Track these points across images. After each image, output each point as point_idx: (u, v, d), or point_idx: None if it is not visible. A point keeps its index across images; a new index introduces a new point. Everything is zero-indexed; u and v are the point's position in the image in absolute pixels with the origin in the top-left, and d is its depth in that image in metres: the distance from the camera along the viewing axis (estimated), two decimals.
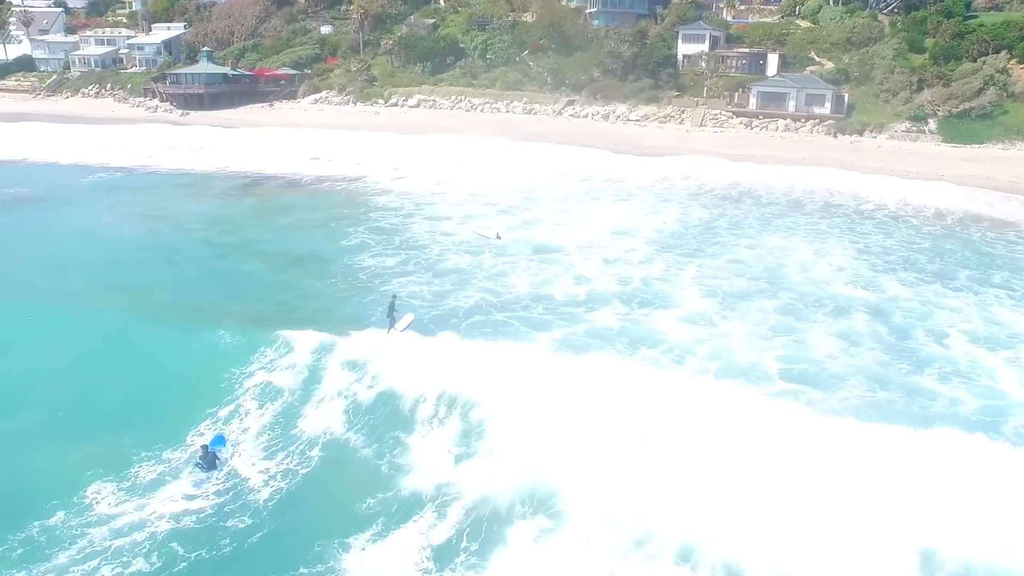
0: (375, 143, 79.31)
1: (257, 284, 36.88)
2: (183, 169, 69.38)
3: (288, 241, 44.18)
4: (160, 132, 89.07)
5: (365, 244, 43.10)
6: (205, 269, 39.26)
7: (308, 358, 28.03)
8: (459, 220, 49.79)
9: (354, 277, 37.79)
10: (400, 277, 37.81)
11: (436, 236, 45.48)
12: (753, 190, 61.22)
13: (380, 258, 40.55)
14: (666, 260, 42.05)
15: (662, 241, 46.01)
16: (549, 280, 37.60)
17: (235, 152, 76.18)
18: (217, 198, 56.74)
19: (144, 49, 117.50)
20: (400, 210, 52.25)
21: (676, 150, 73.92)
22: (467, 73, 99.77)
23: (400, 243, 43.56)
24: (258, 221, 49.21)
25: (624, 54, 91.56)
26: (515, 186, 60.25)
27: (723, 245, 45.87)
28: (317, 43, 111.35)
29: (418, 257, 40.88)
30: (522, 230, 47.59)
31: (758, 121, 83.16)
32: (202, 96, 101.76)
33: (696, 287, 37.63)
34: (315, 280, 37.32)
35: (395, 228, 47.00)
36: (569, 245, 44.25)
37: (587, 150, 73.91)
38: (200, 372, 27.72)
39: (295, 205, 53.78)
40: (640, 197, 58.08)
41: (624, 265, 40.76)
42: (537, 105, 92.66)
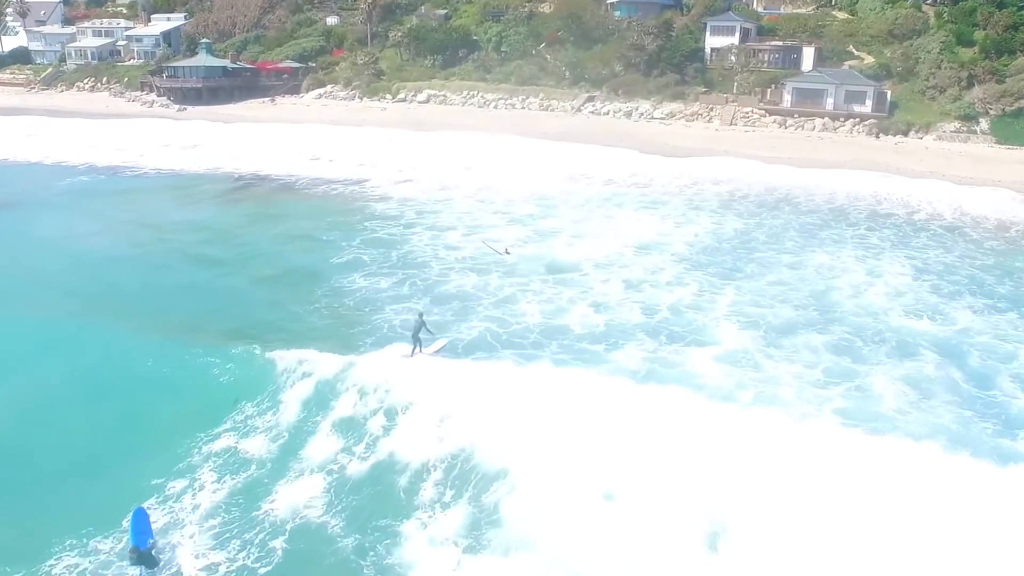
0: (380, 141, 75.53)
1: (229, 310, 32.86)
2: (174, 170, 65.82)
3: (273, 256, 40.16)
4: (154, 129, 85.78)
5: (358, 261, 38.94)
6: (175, 288, 35.32)
7: (287, 410, 24.00)
8: (465, 231, 45.69)
9: (340, 303, 33.69)
10: (394, 303, 33.65)
11: (438, 250, 41.32)
12: (791, 196, 56.77)
13: (373, 278, 36.38)
14: (698, 282, 37.69)
15: (693, 258, 41.65)
16: (564, 308, 33.32)
17: (231, 151, 72.74)
18: (204, 203, 52.88)
19: (142, 41, 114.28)
20: (400, 219, 48.17)
21: (705, 151, 69.49)
22: (480, 67, 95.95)
23: (397, 259, 39.38)
24: (243, 231, 45.21)
25: (648, 47, 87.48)
26: (529, 191, 56.12)
27: (762, 263, 41.46)
28: (322, 35, 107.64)
29: (416, 277, 36.68)
30: (535, 243, 43.39)
31: (793, 120, 78.55)
32: (200, 90, 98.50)
33: (734, 317, 33.23)
34: (296, 305, 33.28)
35: (394, 240, 42.87)
36: (587, 262, 40.00)
37: (609, 151, 69.68)
38: (153, 427, 23.74)
39: (287, 212, 49.79)
40: (667, 204, 53.73)
41: (650, 289, 36.41)
42: (554, 101, 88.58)
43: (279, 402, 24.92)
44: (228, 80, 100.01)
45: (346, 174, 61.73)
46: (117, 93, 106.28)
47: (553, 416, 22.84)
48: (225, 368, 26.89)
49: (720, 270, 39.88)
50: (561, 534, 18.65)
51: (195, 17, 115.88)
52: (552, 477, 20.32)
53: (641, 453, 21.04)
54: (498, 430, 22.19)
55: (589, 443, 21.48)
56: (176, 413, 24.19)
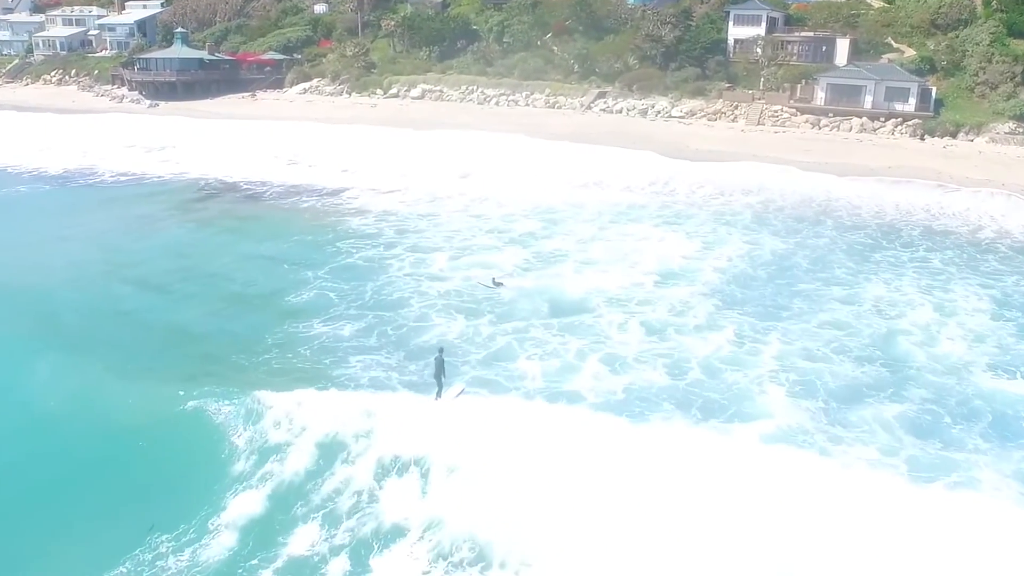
0: (367, 143, 70.00)
1: (154, 354, 27.23)
2: (135, 175, 60.38)
3: (221, 290, 34.42)
4: (120, 127, 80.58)
5: (321, 298, 33.13)
6: (94, 322, 29.77)
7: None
8: (453, 254, 40.05)
9: (294, 352, 27.95)
10: (358, 354, 28.02)
11: (420, 282, 35.53)
12: (832, 209, 51.06)
13: (336, 322, 30.61)
14: (734, 324, 31.90)
15: (725, 290, 35.87)
16: (572, 365, 27.53)
17: (201, 153, 67.56)
18: (157, 218, 47.19)
19: (115, 30, 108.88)
20: (379, 237, 42.50)
21: (730, 155, 63.59)
22: (480, 59, 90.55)
23: (369, 296, 33.54)
24: (192, 256, 39.46)
25: (665, 38, 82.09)
26: (531, 203, 50.61)
27: (809, 297, 35.68)
28: (309, 24, 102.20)
29: (389, 321, 30.86)
30: (537, 272, 37.65)
31: (827, 120, 72.54)
32: (174, 85, 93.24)
33: (783, 377, 27.47)
34: (238, 353, 27.62)
35: (368, 269, 37.11)
36: (598, 297, 34.27)
37: (623, 154, 63.81)
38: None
39: (249, 231, 44.08)
40: (692, 219, 47.99)
41: (676, 335, 30.61)
42: (562, 98, 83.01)
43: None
44: (205, 73, 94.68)
45: (324, 182, 56.14)
46: (86, 87, 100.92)
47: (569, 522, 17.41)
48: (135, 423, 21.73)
49: (760, 307, 34.12)
50: None
51: (172, 5, 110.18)
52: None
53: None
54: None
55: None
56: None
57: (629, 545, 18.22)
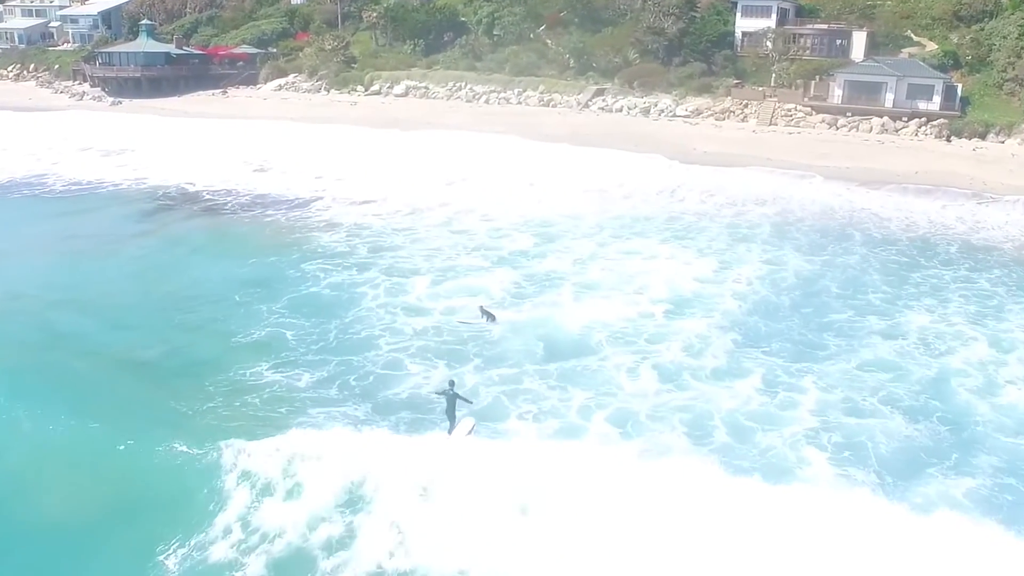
0: (345, 145, 66.27)
1: (72, 406, 23.13)
2: (87, 183, 56.08)
3: (157, 327, 30.18)
4: (77, 127, 76.56)
5: (276, 338, 28.95)
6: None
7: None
8: (435, 277, 36.09)
9: (242, 400, 23.97)
10: (316, 407, 24.03)
11: (394, 316, 31.45)
12: (858, 220, 47.44)
13: (292, 369, 26.52)
14: (761, 367, 28.03)
15: (747, 323, 31.98)
16: (573, 426, 23.52)
17: (163, 158, 63.73)
18: (100, 238, 42.84)
19: (78, 22, 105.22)
20: (350, 257, 38.41)
21: (741, 158, 59.84)
22: (469, 53, 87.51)
23: (334, 334, 29.38)
24: (131, 281, 35.19)
25: (667, 31, 79.05)
26: (523, 214, 46.91)
27: (844, 330, 31.86)
28: (286, 15, 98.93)
29: (355, 367, 26.75)
30: (530, 300, 33.70)
31: (845, 119, 68.89)
32: (139, 80, 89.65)
33: (824, 437, 23.63)
34: (177, 399, 23.76)
35: (333, 300, 32.93)
36: (601, 334, 30.32)
37: (623, 157, 59.98)
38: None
39: (202, 249, 39.93)
40: (704, 232, 44.19)
41: (693, 383, 26.69)
42: (557, 95, 79.44)
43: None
44: (172, 69, 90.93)
45: (294, 190, 52.17)
46: (45, 83, 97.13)
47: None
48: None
49: (788, 344, 30.23)
50: None
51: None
52: None
53: None
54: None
55: None
56: None
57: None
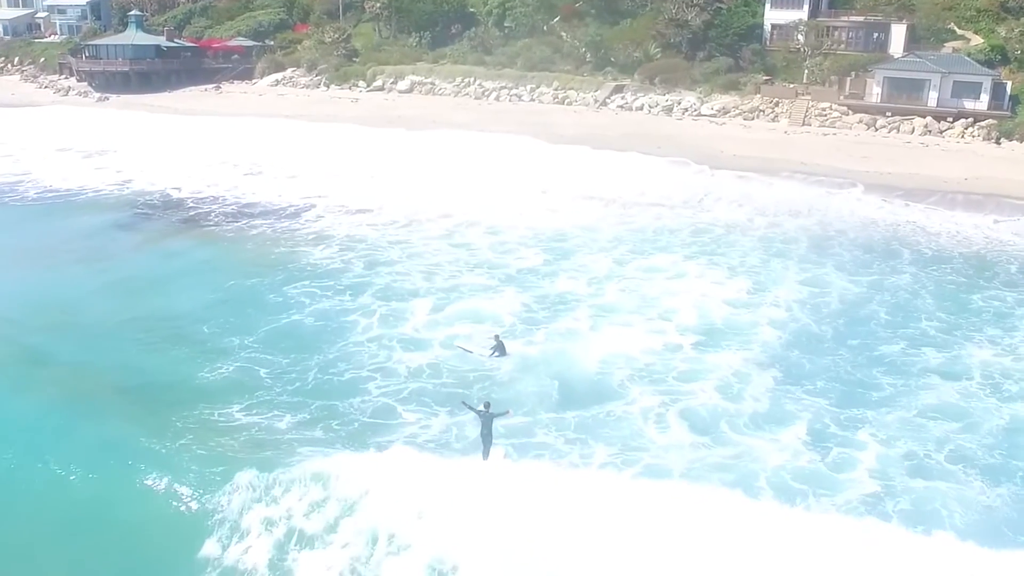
0: (343, 146, 63.40)
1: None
2: (65, 191, 53.02)
3: (116, 359, 27.42)
4: (59, 125, 73.84)
5: (248, 377, 26.05)
6: None
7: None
8: (436, 301, 33.30)
9: (216, 446, 21.18)
10: (302, 445, 21.16)
11: (387, 348, 28.57)
12: (905, 234, 44.40)
13: (263, 413, 23.62)
14: (807, 413, 25.16)
15: (788, 358, 29.06)
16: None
17: (147, 159, 61.17)
18: (68, 252, 39.92)
19: (66, 12, 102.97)
20: (341, 278, 35.55)
21: (774, 162, 56.77)
22: (478, 47, 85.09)
23: (315, 373, 26.44)
24: (86, 307, 32.13)
25: (691, 23, 76.52)
26: (533, 224, 44.16)
27: (898, 366, 28.94)
28: (283, 6, 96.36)
29: (338, 416, 23.82)
30: (541, 329, 30.86)
31: (884, 119, 65.79)
32: (127, 75, 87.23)
33: (889, 507, 20.67)
34: (143, 433, 20.92)
35: (319, 329, 30.07)
36: (624, 371, 27.45)
37: (646, 162, 57.00)
38: None
39: (174, 270, 36.64)
40: (734, 248, 41.24)
41: (731, 434, 23.81)
42: (573, 92, 76.84)
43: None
44: (163, 62, 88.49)
45: (286, 197, 49.42)
46: (29, 77, 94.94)
47: None
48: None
49: (836, 384, 27.31)
50: None
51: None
52: None
53: None
54: None
55: None
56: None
57: None
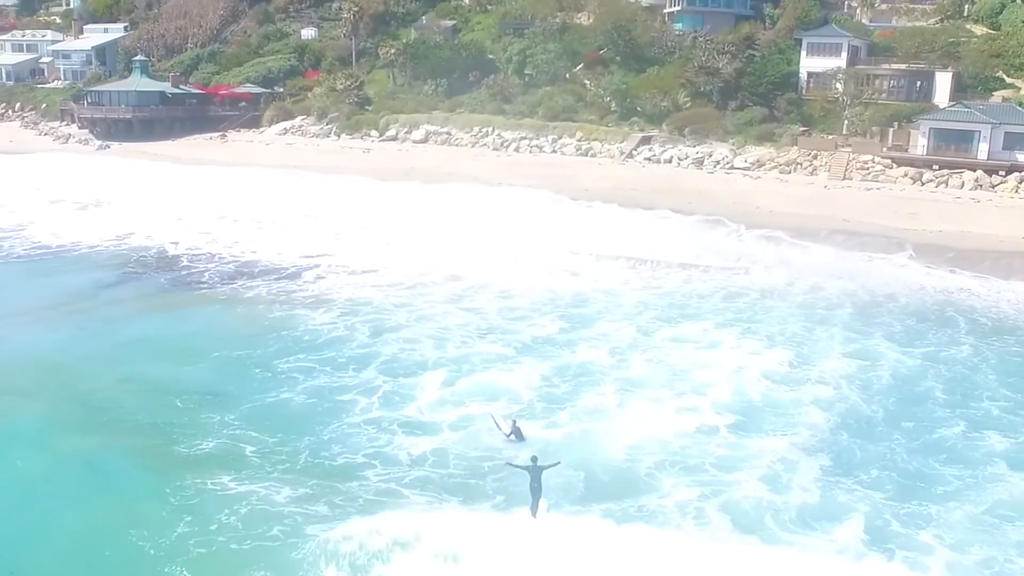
0: (352, 200, 62.56)
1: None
2: (54, 246, 52.17)
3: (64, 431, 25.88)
4: (54, 174, 74.50)
5: (232, 454, 24.39)
6: None
7: None
8: (447, 375, 31.56)
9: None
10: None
11: (392, 435, 26.74)
12: (961, 301, 42.55)
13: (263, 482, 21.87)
14: (861, 509, 23.18)
15: (838, 443, 27.12)
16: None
17: (146, 211, 61.16)
18: (43, 312, 38.96)
19: (70, 57, 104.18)
20: (343, 347, 33.96)
21: (814, 219, 55.16)
22: (497, 95, 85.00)
23: (304, 458, 24.73)
24: (47, 374, 30.66)
25: (723, 71, 75.94)
26: (551, 287, 42.72)
27: (960, 453, 26.90)
28: (295, 51, 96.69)
29: (340, 493, 22.01)
30: (561, 405, 29.11)
31: (931, 173, 64.15)
32: (130, 122, 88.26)
33: None
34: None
35: (308, 411, 28.31)
36: (654, 456, 25.59)
37: (672, 218, 55.71)
38: None
39: (151, 337, 34.77)
40: (772, 314, 39.51)
41: (779, 533, 21.77)
42: (596, 143, 76.15)
43: None
44: (167, 109, 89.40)
45: (286, 256, 48.37)
46: (30, 123, 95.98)
47: None
48: None
49: (893, 473, 25.31)
50: None
51: (137, 29, 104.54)
52: None
53: None
54: None
55: None
56: None
57: None
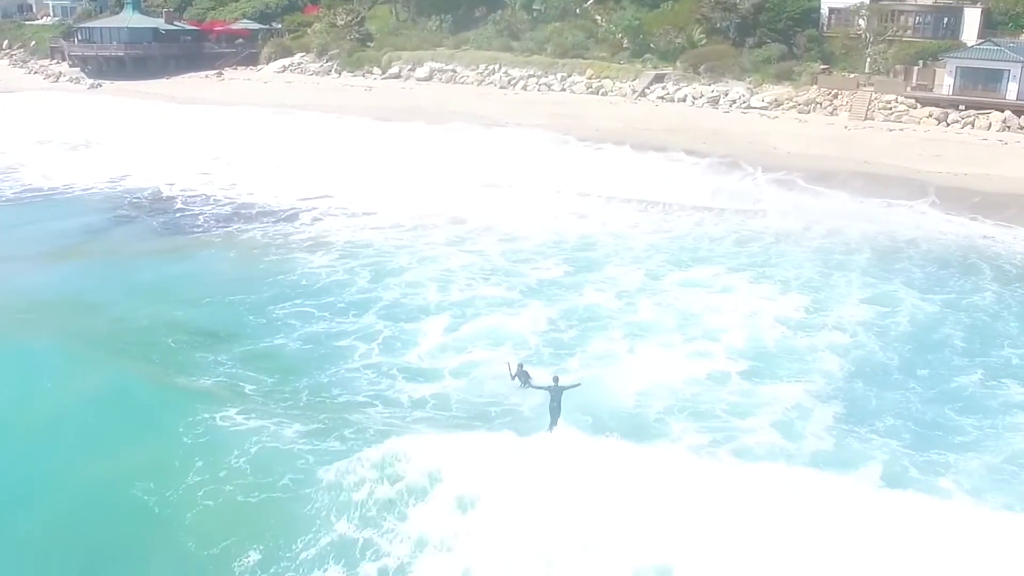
0: (352, 140, 61.82)
1: None
2: (44, 189, 52.19)
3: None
4: (45, 115, 74.02)
5: (231, 389, 24.33)
6: None
7: None
8: (452, 318, 31.38)
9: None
10: None
11: (392, 379, 26.70)
12: (985, 248, 41.74)
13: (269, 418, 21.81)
14: (877, 455, 22.89)
15: (853, 391, 26.81)
16: None
17: (137, 153, 60.70)
18: (30, 255, 38.81)
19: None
20: (343, 291, 33.76)
21: (833, 160, 54.20)
22: (504, 31, 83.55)
23: (304, 406, 24.48)
24: (36, 341, 29.92)
25: (740, 6, 74.33)
26: (557, 229, 42.51)
27: (978, 402, 26.50)
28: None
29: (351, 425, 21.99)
30: (570, 350, 28.86)
31: (957, 113, 62.89)
32: (122, 60, 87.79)
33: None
34: None
35: (308, 357, 28.00)
36: (663, 401, 25.35)
37: (686, 159, 54.99)
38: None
39: (146, 289, 34.16)
40: (787, 258, 39.04)
41: (795, 470, 21.48)
42: (608, 81, 74.90)
43: None
44: (160, 46, 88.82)
45: (284, 198, 48.19)
46: (18, 61, 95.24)
47: None
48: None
49: (910, 422, 24.97)
50: None
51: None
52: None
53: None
54: None
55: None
56: None
57: None
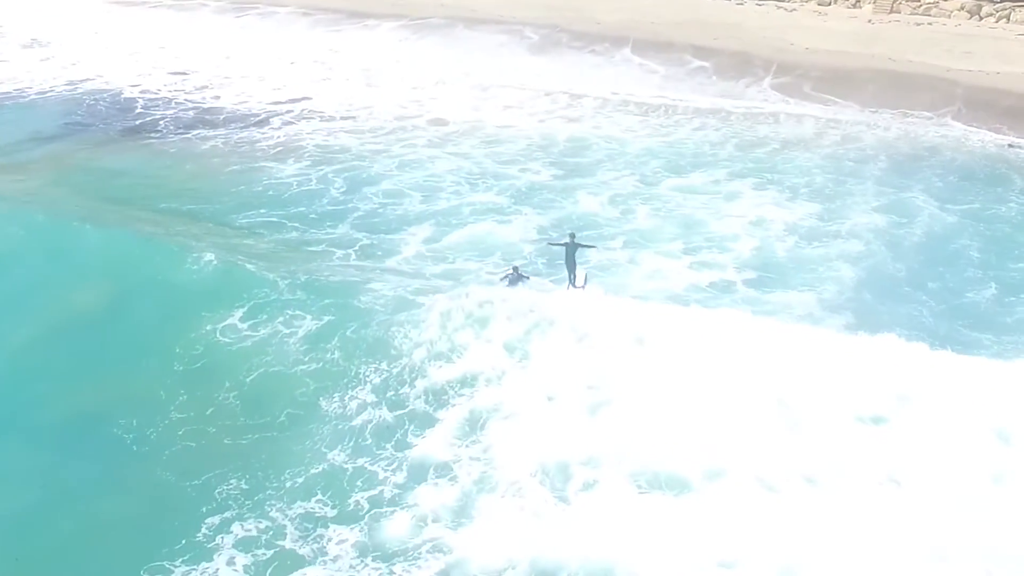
0: (329, 41, 59.00)
1: None
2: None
3: None
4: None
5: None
6: None
7: None
8: (430, 230, 31.62)
9: None
10: None
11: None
12: (1012, 157, 40.99)
13: None
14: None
15: (862, 301, 27.34)
16: None
17: (101, 47, 58.37)
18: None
19: None
20: (316, 202, 33.86)
21: (854, 57, 53.05)
22: None
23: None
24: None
25: None
26: (549, 132, 42.04)
27: (991, 317, 26.89)
28: None
29: None
30: (559, 262, 28.92)
31: (990, 7, 61.80)
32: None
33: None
34: None
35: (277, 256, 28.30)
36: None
37: (693, 58, 54.03)
38: None
39: (90, 196, 34.53)
40: (795, 163, 38.60)
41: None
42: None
43: None
44: None
45: (257, 99, 46.84)
46: None
47: None
48: None
49: (922, 334, 24.93)
50: None
51: None
52: None
53: None
54: None
55: None
56: None
57: None
